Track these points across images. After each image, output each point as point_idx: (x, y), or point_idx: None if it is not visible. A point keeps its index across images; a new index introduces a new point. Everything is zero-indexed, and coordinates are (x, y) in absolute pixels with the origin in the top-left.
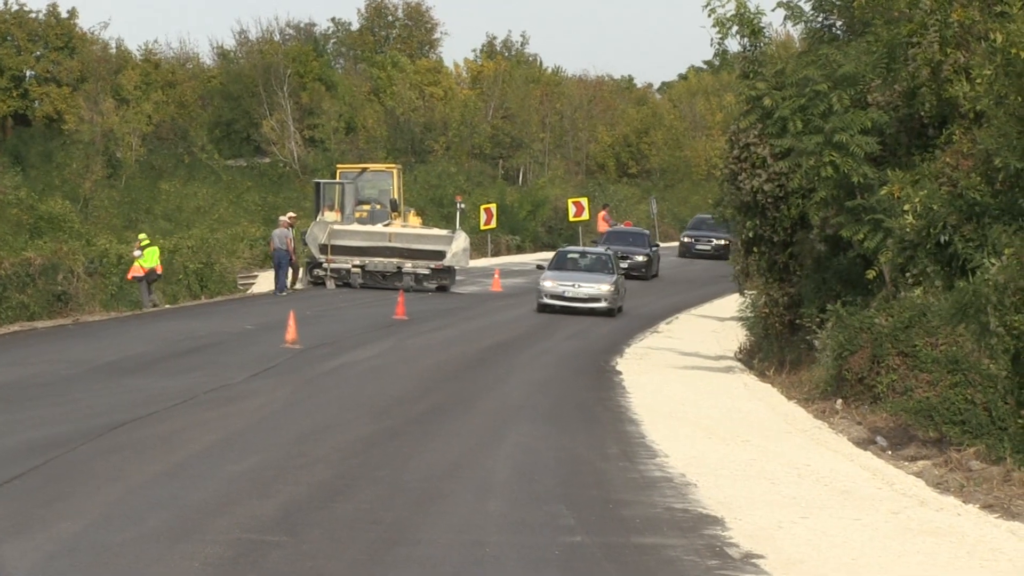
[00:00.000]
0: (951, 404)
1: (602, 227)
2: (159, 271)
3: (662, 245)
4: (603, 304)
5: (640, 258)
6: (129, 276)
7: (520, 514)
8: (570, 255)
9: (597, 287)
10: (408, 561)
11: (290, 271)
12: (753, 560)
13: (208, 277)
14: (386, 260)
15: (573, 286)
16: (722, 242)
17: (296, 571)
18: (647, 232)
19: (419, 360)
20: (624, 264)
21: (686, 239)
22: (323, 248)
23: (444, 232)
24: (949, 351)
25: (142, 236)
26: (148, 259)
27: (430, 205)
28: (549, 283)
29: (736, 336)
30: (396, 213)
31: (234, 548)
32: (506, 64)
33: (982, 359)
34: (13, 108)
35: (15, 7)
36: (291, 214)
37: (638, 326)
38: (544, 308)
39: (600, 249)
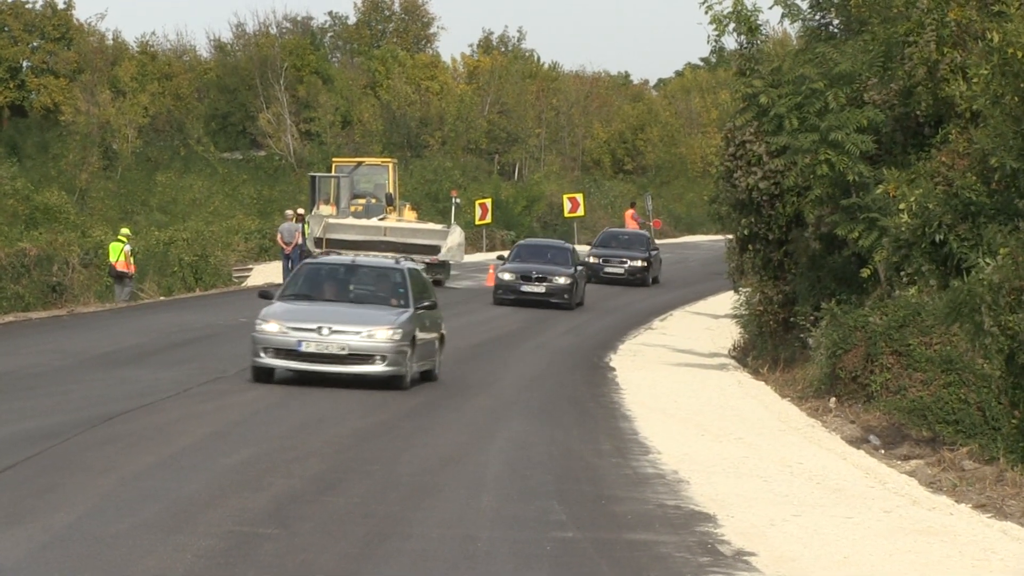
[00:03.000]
0: (945, 403)
1: (631, 225)
2: (121, 267)
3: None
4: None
5: (639, 262)
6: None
7: (512, 509)
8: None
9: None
10: (400, 554)
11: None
12: (745, 558)
13: (203, 269)
14: (381, 254)
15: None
16: (639, 263)
17: (288, 563)
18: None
19: None
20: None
21: (592, 259)
22: (318, 242)
23: (439, 227)
24: (943, 350)
25: (125, 231)
26: (112, 254)
27: (425, 200)
28: (507, 275)
29: (730, 333)
30: (391, 207)
31: (226, 540)
32: (502, 59)
33: (976, 359)
34: (10, 99)
35: None
36: (300, 209)
37: (632, 323)
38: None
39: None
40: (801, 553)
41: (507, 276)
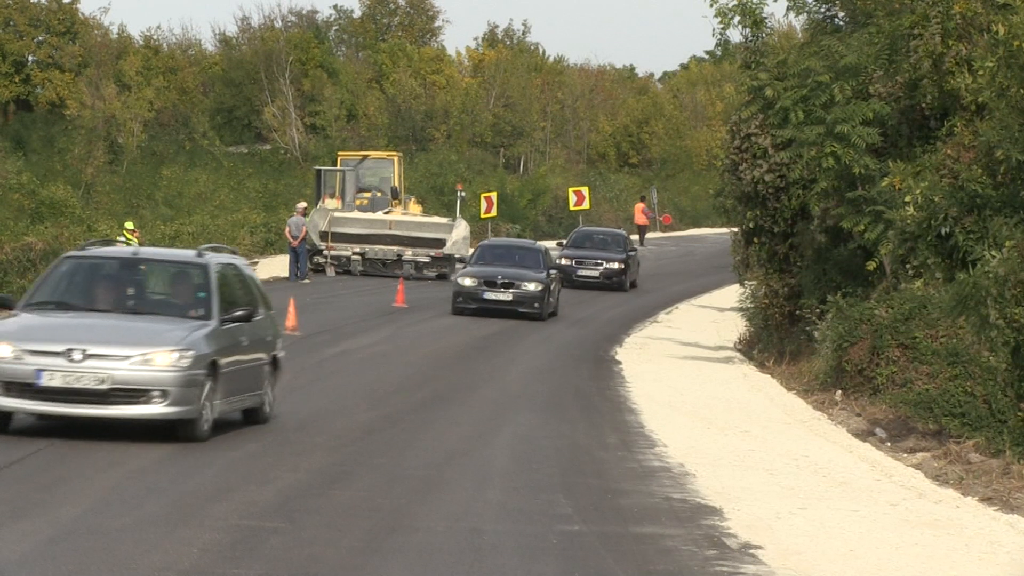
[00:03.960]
0: (951, 396)
1: (640, 220)
2: None
3: (658, 235)
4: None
5: (615, 264)
6: None
7: (518, 502)
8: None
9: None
10: (406, 548)
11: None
12: (751, 551)
13: None
14: (386, 248)
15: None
16: (615, 264)
17: (294, 557)
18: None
19: (418, 348)
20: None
21: (564, 261)
22: (323, 235)
23: (444, 220)
24: (949, 343)
25: (129, 224)
26: None
27: (431, 193)
28: (468, 281)
29: (736, 327)
30: (397, 201)
31: (232, 534)
32: (507, 53)
33: (982, 352)
34: (15, 93)
35: None
36: (304, 203)
37: (638, 316)
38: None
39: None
40: (807, 546)
41: (468, 282)
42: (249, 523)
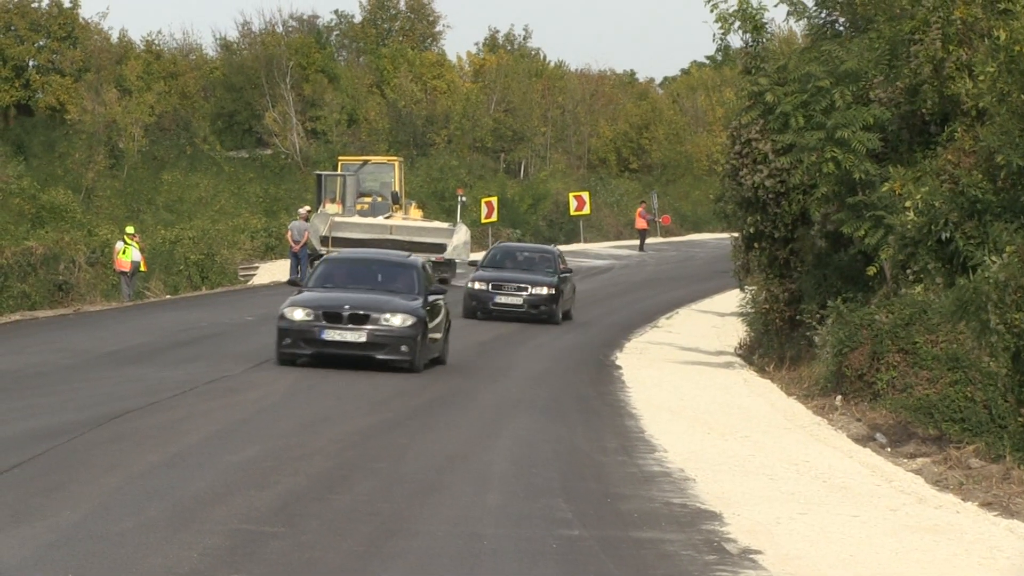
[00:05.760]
0: (951, 402)
1: (640, 224)
2: (122, 267)
3: (659, 240)
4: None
5: (543, 290)
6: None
7: (518, 507)
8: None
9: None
10: (406, 553)
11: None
12: (751, 555)
13: (209, 268)
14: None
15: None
16: (543, 290)
17: (294, 561)
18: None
19: None
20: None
21: (478, 286)
22: (324, 240)
23: (445, 225)
24: (949, 348)
25: (130, 229)
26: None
27: (431, 198)
28: (479, 284)
29: (736, 332)
30: (397, 206)
31: (232, 538)
32: (508, 58)
33: (982, 357)
34: (16, 98)
35: None
36: (307, 208)
37: (638, 321)
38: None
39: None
40: (807, 551)
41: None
42: (249, 527)
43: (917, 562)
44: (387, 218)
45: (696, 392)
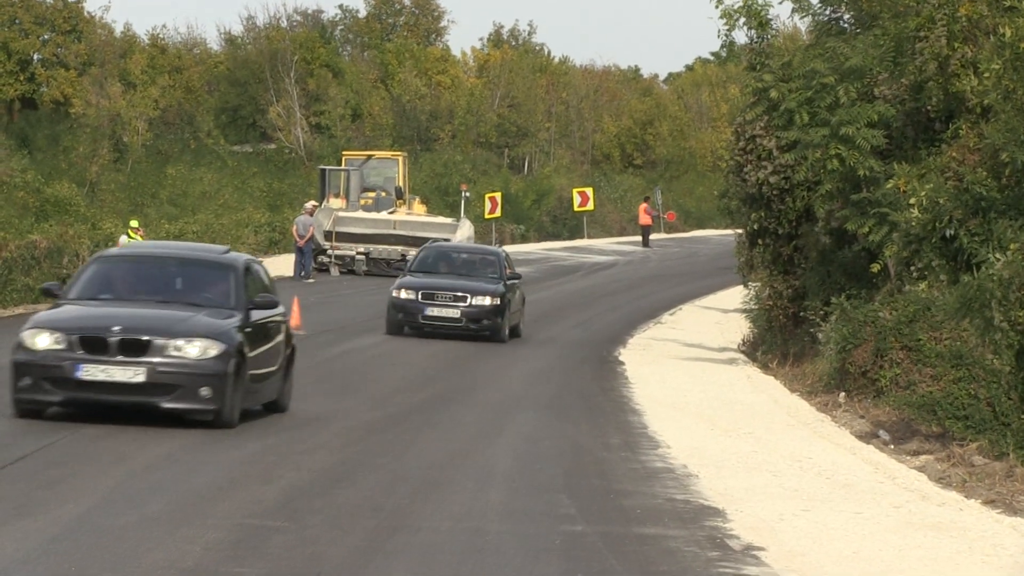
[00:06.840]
0: (954, 399)
1: (644, 220)
2: None
3: (662, 236)
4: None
5: (485, 300)
6: None
7: (521, 503)
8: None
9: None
10: (408, 548)
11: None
12: (754, 552)
13: None
14: (390, 247)
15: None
16: (486, 300)
17: (297, 556)
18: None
19: (421, 348)
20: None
21: (405, 295)
22: (328, 235)
23: (449, 220)
24: (953, 346)
25: (134, 223)
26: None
27: (435, 193)
28: (405, 293)
29: (739, 328)
30: (401, 201)
31: (235, 533)
32: (512, 53)
33: (986, 354)
34: (20, 92)
35: None
36: (313, 203)
37: (641, 317)
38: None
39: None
40: (810, 548)
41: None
42: (252, 522)
43: (920, 559)
44: (391, 213)
45: (699, 388)
